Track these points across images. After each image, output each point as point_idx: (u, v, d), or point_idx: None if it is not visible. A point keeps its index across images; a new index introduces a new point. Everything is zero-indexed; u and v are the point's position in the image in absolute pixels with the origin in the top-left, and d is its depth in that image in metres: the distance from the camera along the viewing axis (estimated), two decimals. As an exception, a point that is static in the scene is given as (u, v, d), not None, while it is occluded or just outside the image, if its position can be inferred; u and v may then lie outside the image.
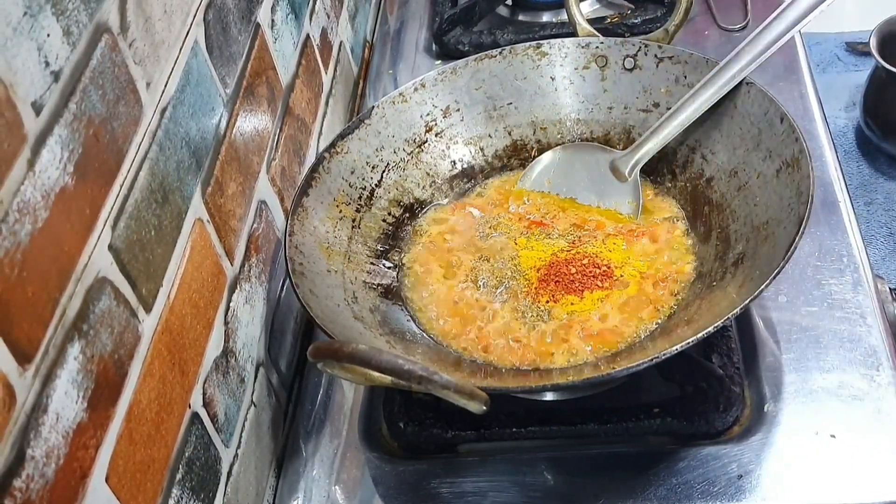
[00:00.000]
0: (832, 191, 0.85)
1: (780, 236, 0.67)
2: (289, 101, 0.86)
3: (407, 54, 1.13)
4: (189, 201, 0.64)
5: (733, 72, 0.75)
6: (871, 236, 1.50)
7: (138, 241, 0.56)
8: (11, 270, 0.44)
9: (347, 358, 0.56)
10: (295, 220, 0.75)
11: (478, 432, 0.72)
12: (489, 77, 0.87)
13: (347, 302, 0.73)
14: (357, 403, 0.78)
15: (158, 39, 0.61)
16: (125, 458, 0.53)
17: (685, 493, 0.67)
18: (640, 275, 0.75)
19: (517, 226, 0.81)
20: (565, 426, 0.71)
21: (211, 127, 0.68)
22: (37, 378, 0.46)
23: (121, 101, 0.56)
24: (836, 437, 0.68)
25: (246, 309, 0.72)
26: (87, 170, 0.51)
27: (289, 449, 0.76)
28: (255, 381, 0.73)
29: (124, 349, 0.54)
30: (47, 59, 0.49)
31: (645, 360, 0.60)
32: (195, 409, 0.62)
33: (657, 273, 0.75)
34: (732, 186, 0.76)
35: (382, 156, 0.84)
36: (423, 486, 0.71)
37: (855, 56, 1.80)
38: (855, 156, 1.62)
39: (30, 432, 0.45)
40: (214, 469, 0.65)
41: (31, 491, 0.45)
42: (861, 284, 0.77)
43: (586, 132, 0.86)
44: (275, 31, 0.83)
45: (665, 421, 0.70)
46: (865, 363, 0.72)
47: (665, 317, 0.71)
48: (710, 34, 1.04)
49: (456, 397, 0.56)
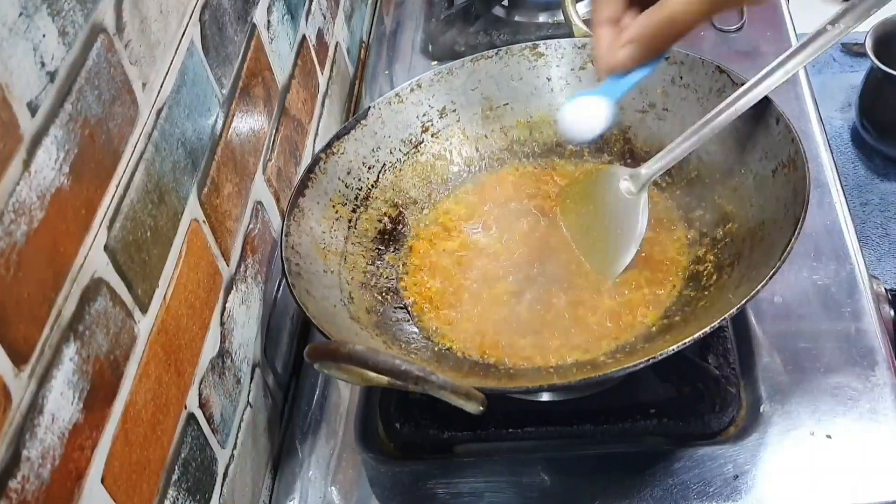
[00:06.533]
0: (828, 191, 0.85)
1: (776, 237, 0.67)
2: (285, 102, 0.86)
3: (403, 55, 1.13)
4: (185, 202, 0.64)
5: (754, 93, 0.71)
6: (867, 237, 1.50)
7: (134, 241, 0.56)
8: (7, 271, 0.44)
9: (344, 358, 0.56)
10: (291, 221, 0.75)
11: (474, 433, 0.72)
12: (485, 78, 0.87)
13: (344, 302, 0.73)
14: (353, 404, 0.78)
15: (154, 40, 0.61)
16: (121, 459, 0.53)
17: (681, 494, 0.67)
18: (636, 275, 0.75)
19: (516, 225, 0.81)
20: (562, 427, 0.71)
21: (207, 127, 0.68)
22: (32, 378, 0.46)
23: (116, 101, 0.56)
24: (832, 438, 0.68)
25: (242, 310, 0.72)
26: (82, 170, 0.51)
27: (285, 450, 0.76)
28: (252, 381, 0.73)
29: (120, 350, 0.54)
30: (43, 59, 0.48)
31: (641, 361, 0.60)
32: (191, 410, 0.62)
33: (653, 273, 0.75)
34: (728, 187, 0.76)
35: (378, 156, 0.84)
36: (420, 486, 0.71)
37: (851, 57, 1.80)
38: (851, 157, 1.62)
39: (25, 433, 0.45)
40: (210, 470, 0.65)
41: (27, 492, 0.45)
42: (857, 285, 0.77)
43: (582, 133, 0.86)
44: (271, 32, 0.83)
45: (661, 421, 0.70)
46: (861, 364, 0.72)
47: (661, 317, 0.71)
48: (705, 35, 1.05)
49: (453, 398, 0.56)
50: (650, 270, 0.75)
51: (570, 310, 0.73)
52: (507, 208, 0.83)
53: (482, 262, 0.79)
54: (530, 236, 0.80)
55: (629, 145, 0.84)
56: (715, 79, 0.78)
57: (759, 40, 1.03)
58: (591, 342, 0.71)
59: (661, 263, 0.75)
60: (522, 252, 0.79)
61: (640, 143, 0.83)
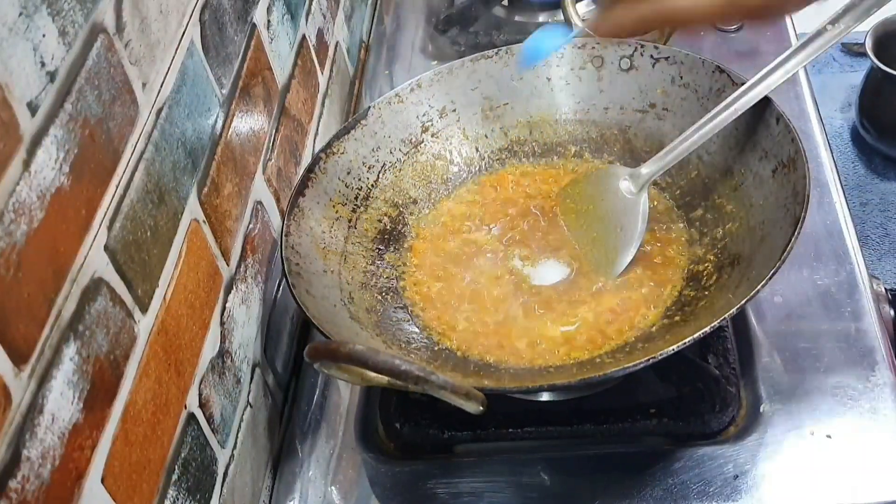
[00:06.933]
0: (828, 191, 0.85)
1: (775, 237, 0.67)
2: (285, 102, 0.86)
3: (403, 55, 1.13)
4: (185, 202, 0.64)
5: (754, 93, 0.72)
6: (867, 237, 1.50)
7: (134, 241, 0.56)
8: (7, 271, 0.44)
9: (344, 358, 0.56)
10: (291, 221, 0.75)
11: (474, 433, 0.72)
12: (485, 77, 0.87)
13: (344, 302, 0.73)
14: (353, 404, 0.78)
15: (154, 40, 0.61)
16: (121, 459, 0.53)
17: (681, 494, 0.67)
18: (636, 275, 0.75)
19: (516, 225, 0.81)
20: (562, 427, 0.71)
21: (207, 127, 0.68)
22: (32, 378, 0.46)
23: (116, 101, 0.56)
24: (832, 438, 0.68)
25: (242, 309, 0.72)
26: (82, 170, 0.51)
27: (285, 450, 0.76)
28: (252, 381, 0.73)
29: (120, 350, 0.54)
30: (43, 59, 0.48)
31: (641, 361, 0.60)
32: (191, 410, 0.62)
33: (653, 273, 0.75)
34: (728, 187, 0.76)
35: (378, 156, 0.84)
36: (420, 486, 0.71)
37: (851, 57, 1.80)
38: (850, 156, 1.62)
39: (25, 433, 0.45)
40: (210, 470, 0.65)
41: (27, 492, 0.45)
42: (857, 285, 0.77)
43: (582, 133, 0.86)
44: (271, 32, 0.83)
45: (661, 421, 0.70)
46: (861, 364, 0.72)
47: (661, 317, 0.71)
48: (705, 35, 1.04)
49: (453, 398, 0.56)
50: (650, 270, 0.75)
51: (570, 310, 0.73)
52: (507, 208, 0.83)
53: (482, 262, 0.79)
54: (530, 236, 0.80)
55: (629, 145, 0.84)
56: (715, 79, 0.78)
57: (759, 40, 1.03)
58: (592, 342, 0.71)
59: (661, 263, 0.75)
60: (522, 252, 0.79)
61: (640, 143, 0.83)
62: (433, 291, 0.77)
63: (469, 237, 0.81)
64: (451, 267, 0.79)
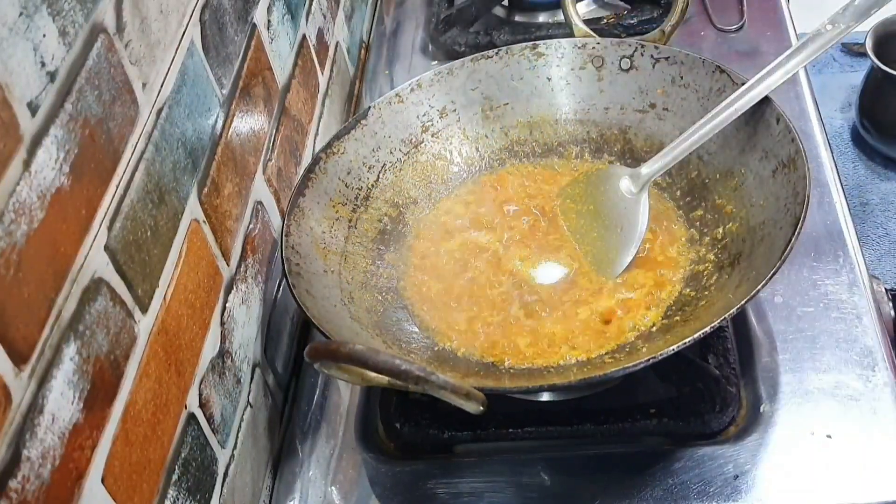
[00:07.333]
0: (828, 191, 0.85)
1: (776, 237, 0.67)
2: (285, 102, 0.86)
3: (403, 55, 1.13)
4: (185, 202, 0.64)
5: (754, 93, 0.72)
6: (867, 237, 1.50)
7: (134, 241, 0.56)
8: (7, 271, 0.44)
9: (344, 358, 0.56)
10: (291, 221, 0.75)
11: (474, 433, 0.72)
12: (485, 77, 0.87)
13: (344, 302, 0.73)
14: (353, 404, 0.78)
15: (154, 40, 0.61)
16: (121, 459, 0.53)
17: (681, 494, 0.67)
18: (636, 275, 0.75)
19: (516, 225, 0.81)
20: (562, 427, 0.71)
21: (207, 127, 0.68)
22: (32, 378, 0.46)
23: (117, 101, 0.56)
24: (832, 438, 0.68)
25: (242, 310, 0.72)
26: (83, 170, 0.51)
27: (285, 450, 0.76)
28: (252, 381, 0.73)
29: (120, 350, 0.54)
30: (43, 59, 0.48)
31: (641, 361, 0.60)
32: (191, 410, 0.62)
33: (653, 273, 0.75)
34: (728, 187, 0.76)
35: (379, 156, 0.84)
36: (420, 486, 0.71)
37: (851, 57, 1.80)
38: (851, 156, 1.62)
39: (25, 433, 0.45)
40: (211, 470, 0.65)
41: (27, 492, 0.45)
42: (857, 285, 0.77)
43: (582, 133, 0.86)
44: (271, 32, 0.83)
45: (661, 421, 0.70)
46: (861, 364, 0.72)
47: (661, 317, 0.72)
48: (706, 35, 1.05)
49: (453, 398, 0.56)
50: (650, 270, 0.75)
51: (570, 309, 0.73)
52: (508, 208, 0.83)
53: (482, 262, 0.79)
54: (530, 236, 0.80)
55: (629, 145, 0.84)
56: (715, 79, 0.78)
57: (759, 40, 1.03)
58: (592, 342, 0.71)
59: (661, 263, 0.75)
60: (523, 252, 0.79)
61: (640, 143, 0.83)
62: (433, 291, 0.77)
63: (469, 237, 0.81)
64: (451, 267, 0.79)
